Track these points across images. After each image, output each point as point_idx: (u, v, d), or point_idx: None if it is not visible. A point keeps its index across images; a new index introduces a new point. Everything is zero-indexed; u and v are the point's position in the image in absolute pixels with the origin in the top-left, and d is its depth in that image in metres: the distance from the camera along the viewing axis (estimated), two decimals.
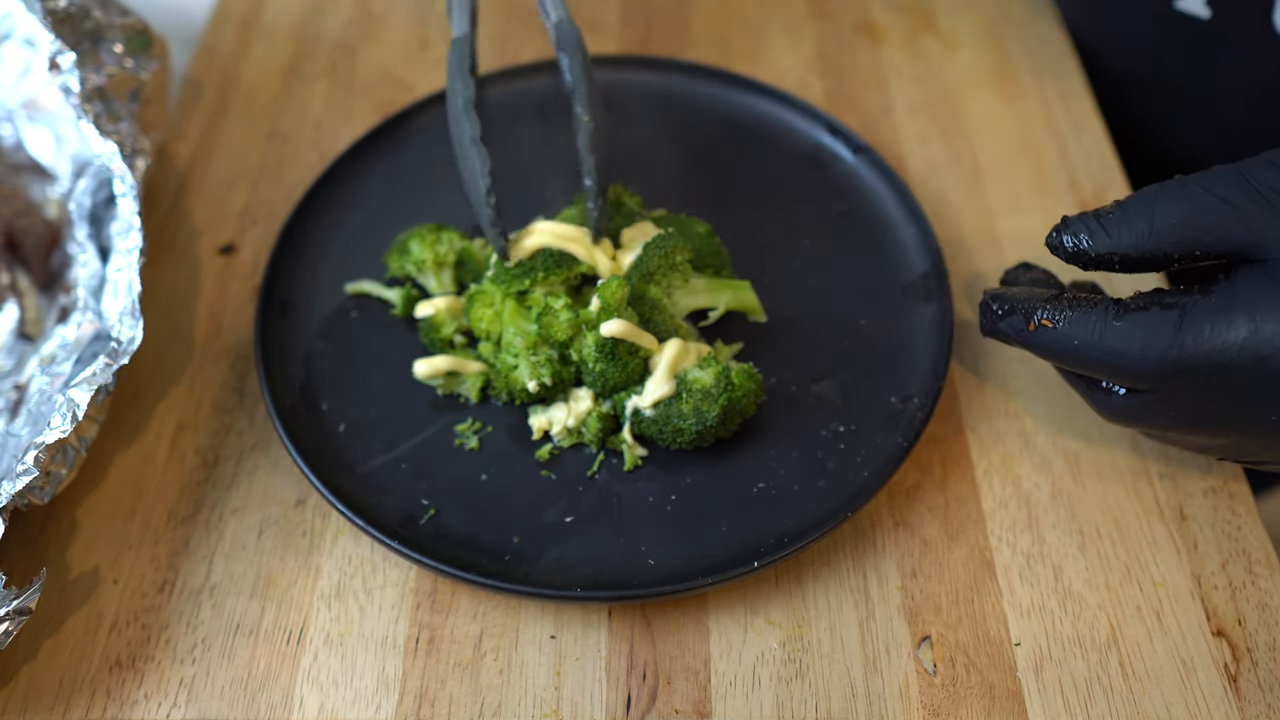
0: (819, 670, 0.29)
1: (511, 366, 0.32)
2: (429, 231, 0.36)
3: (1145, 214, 0.26)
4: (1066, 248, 0.27)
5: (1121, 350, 0.26)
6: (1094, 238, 0.27)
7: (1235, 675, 0.29)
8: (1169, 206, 0.26)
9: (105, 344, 0.33)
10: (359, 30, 0.47)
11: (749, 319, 0.36)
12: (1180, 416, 0.27)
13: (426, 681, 0.29)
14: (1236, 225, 0.25)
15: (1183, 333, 0.25)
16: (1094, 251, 0.27)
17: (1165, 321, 0.25)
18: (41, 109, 0.39)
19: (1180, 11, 0.37)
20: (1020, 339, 0.28)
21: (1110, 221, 0.27)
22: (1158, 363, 0.26)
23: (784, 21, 0.47)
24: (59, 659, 0.30)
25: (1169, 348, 0.25)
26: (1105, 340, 0.26)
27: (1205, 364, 0.25)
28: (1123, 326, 0.26)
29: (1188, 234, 0.26)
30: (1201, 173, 0.27)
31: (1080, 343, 0.27)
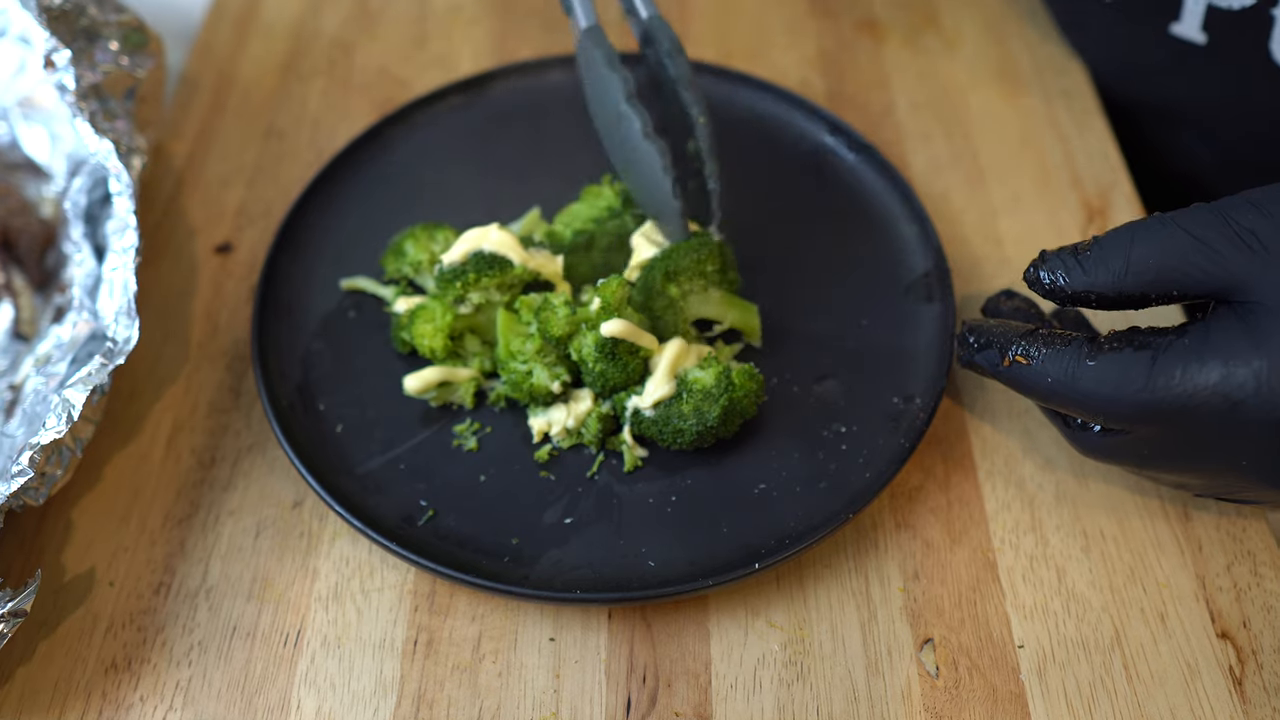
0: (820, 673, 0.29)
1: (526, 374, 0.32)
2: (423, 231, 0.35)
3: (1122, 253, 0.26)
4: (1043, 283, 0.27)
5: (1094, 391, 0.26)
6: (1070, 275, 0.27)
7: (1240, 678, 0.29)
8: (1146, 246, 0.26)
9: (101, 344, 0.32)
10: (357, 27, 0.47)
11: None
12: (1154, 456, 0.27)
13: (425, 684, 0.29)
14: (1214, 267, 0.25)
15: (1155, 375, 0.25)
16: (1070, 289, 0.27)
17: (1138, 363, 0.25)
18: (36, 107, 0.39)
19: (1176, 37, 0.37)
20: (995, 374, 0.28)
21: (1087, 259, 0.26)
22: (1130, 404, 0.25)
23: (785, 19, 0.46)
24: (54, 662, 0.30)
25: (1141, 390, 0.25)
26: (1079, 380, 0.26)
27: (1177, 406, 0.25)
28: (1096, 366, 0.26)
29: (1165, 274, 0.26)
30: (1180, 211, 0.26)
31: (1054, 381, 0.27)
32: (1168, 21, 0.37)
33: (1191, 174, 0.43)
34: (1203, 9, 0.36)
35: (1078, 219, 0.40)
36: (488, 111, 0.41)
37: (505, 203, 0.39)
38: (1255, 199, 0.26)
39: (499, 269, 0.32)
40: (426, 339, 0.33)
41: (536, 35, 0.46)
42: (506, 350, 0.32)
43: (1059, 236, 0.39)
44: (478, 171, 0.40)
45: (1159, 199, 0.42)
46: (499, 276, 0.32)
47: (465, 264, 0.32)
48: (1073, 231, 0.39)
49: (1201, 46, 0.37)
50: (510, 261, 0.32)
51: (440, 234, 0.35)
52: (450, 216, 0.38)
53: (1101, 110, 0.43)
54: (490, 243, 0.33)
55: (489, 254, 0.32)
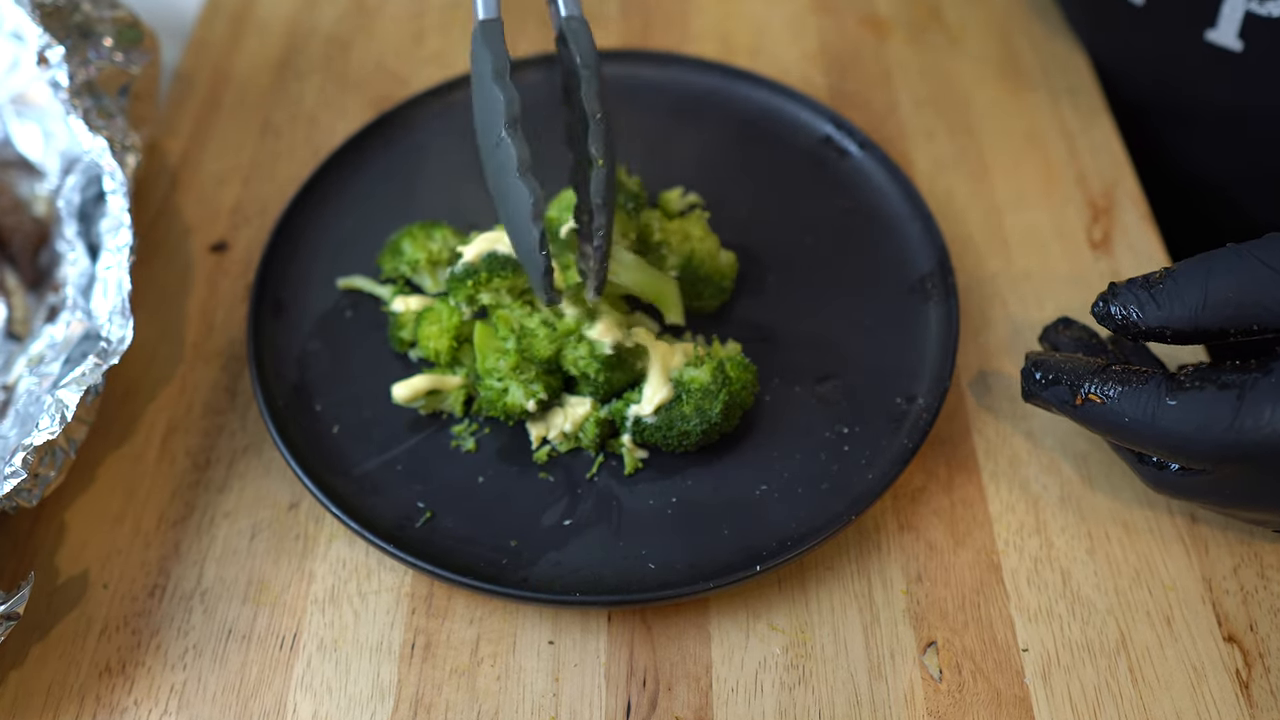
0: (822, 676, 0.29)
1: (502, 391, 0.31)
2: (420, 230, 0.35)
3: (1199, 286, 0.25)
4: (1116, 319, 0.26)
5: (1176, 431, 0.25)
6: (1144, 310, 0.26)
7: (1247, 682, 0.29)
8: (1223, 279, 0.25)
9: (94, 344, 0.32)
10: (353, 23, 0.46)
11: (750, 320, 0.35)
12: (1236, 495, 0.26)
13: (422, 688, 0.29)
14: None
15: (1242, 415, 0.24)
16: (1145, 325, 0.26)
17: (1223, 402, 0.24)
18: (30, 104, 0.38)
19: (1211, 43, 0.37)
20: (1066, 411, 0.27)
21: (1161, 293, 0.25)
22: (1215, 445, 0.24)
23: (787, 14, 0.46)
24: (47, 665, 0.29)
25: (1227, 430, 0.24)
26: (1159, 420, 0.25)
27: (1265, 447, 0.24)
28: (1177, 406, 0.25)
29: (1245, 309, 0.25)
30: (1255, 242, 0.25)
31: (1131, 420, 0.26)
32: (1203, 28, 0.36)
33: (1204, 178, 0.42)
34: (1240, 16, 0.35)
35: (1083, 217, 0.39)
36: None
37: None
38: None
39: (511, 271, 0.32)
40: (432, 341, 0.32)
41: (535, 31, 0.46)
42: (483, 366, 0.32)
43: (1064, 235, 0.39)
44: (476, 169, 0.40)
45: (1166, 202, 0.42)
46: (510, 279, 0.32)
47: (478, 264, 0.32)
48: (1078, 230, 0.39)
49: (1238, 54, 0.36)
50: None
51: (438, 232, 0.35)
52: (448, 215, 0.38)
53: (1107, 107, 0.42)
54: (505, 245, 0.32)
55: (503, 256, 0.32)
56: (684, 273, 0.34)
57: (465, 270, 0.32)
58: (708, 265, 0.34)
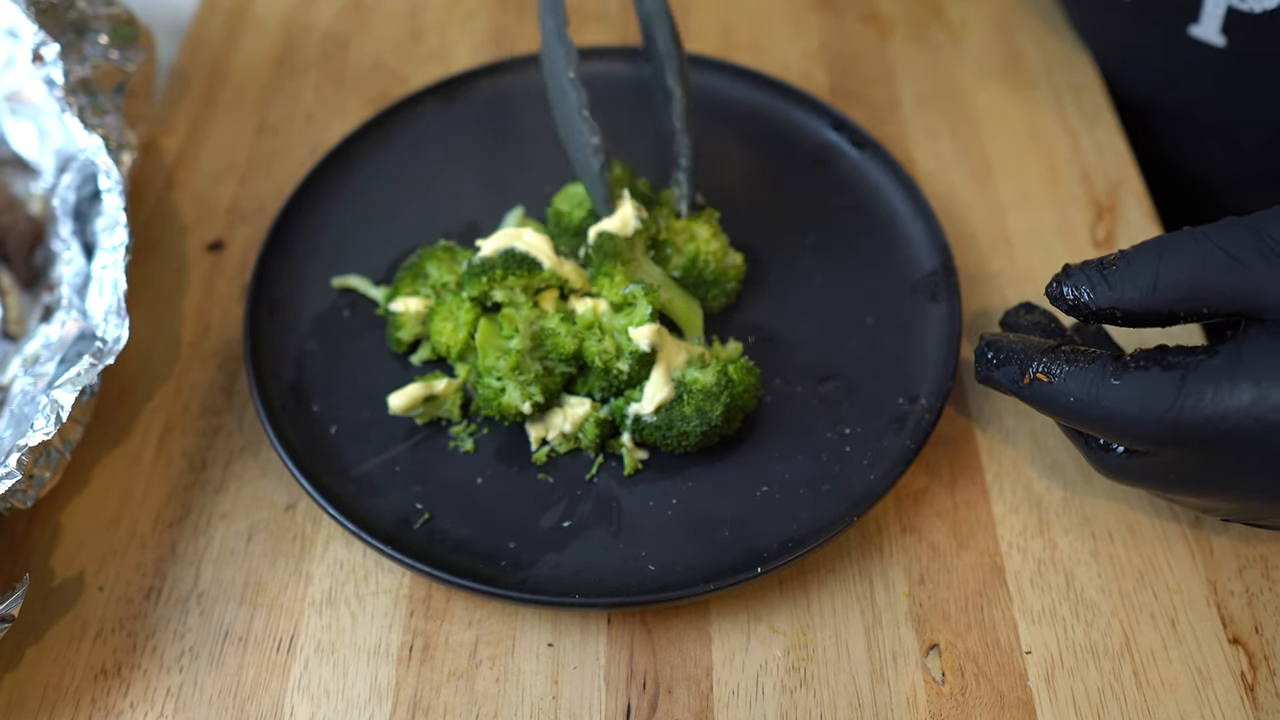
0: (824, 679, 0.29)
1: (499, 390, 0.31)
2: (443, 252, 0.34)
3: (1150, 268, 0.25)
4: (1067, 299, 0.26)
5: (1119, 410, 0.25)
6: (1095, 290, 0.26)
7: (1252, 684, 0.28)
8: (1176, 262, 0.25)
9: (90, 343, 0.32)
10: (351, 21, 0.46)
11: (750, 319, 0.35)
12: (1180, 480, 0.26)
13: (420, 691, 0.29)
14: (1246, 284, 0.24)
15: (1184, 396, 0.24)
16: (1095, 305, 0.26)
17: (1166, 383, 0.24)
18: (24, 102, 0.38)
19: (1194, 39, 0.37)
20: (1015, 390, 0.27)
21: (1113, 274, 0.25)
22: (1156, 425, 0.24)
23: (788, 12, 0.46)
24: (42, 667, 0.29)
25: (1168, 410, 0.24)
26: (1103, 399, 0.25)
27: (1206, 429, 0.24)
28: (1121, 385, 0.25)
29: (1196, 291, 0.25)
30: (1211, 226, 0.25)
31: (1076, 400, 0.25)
32: (1186, 23, 0.36)
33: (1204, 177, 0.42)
34: (1223, 11, 0.35)
35: (1086, 216, 0.39)
36: (485, 107, 0.41)
37: (503, 199, 0.38)
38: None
39: (527, 270, 0.32)
40: (445, 336, 0.32)
41: (534, 29, 0.45)
42: (483, 363, 0.31)
43: (1067, 234, 0.38)
44: (475, 167, 0.39)
45: (1169, 202, 0.42)
46: (526, 277, 0.32)
47: (495, 260, 0.32)
48: (1081, 229, 0.39)
49: (1220, 49, 0.36)
50: (540, 264, 0.32)
51: (461, 255, 0.34)
52: (447, 214, 0.38)
53: (1111, 106, 0.42)
54: (523, 242, 0.32)
55: (520, 253, 0.32)
56: (687, 274, 0.34)
57: (482, 265, 0.32)
58: (713, 267, 0.34)
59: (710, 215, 0.35)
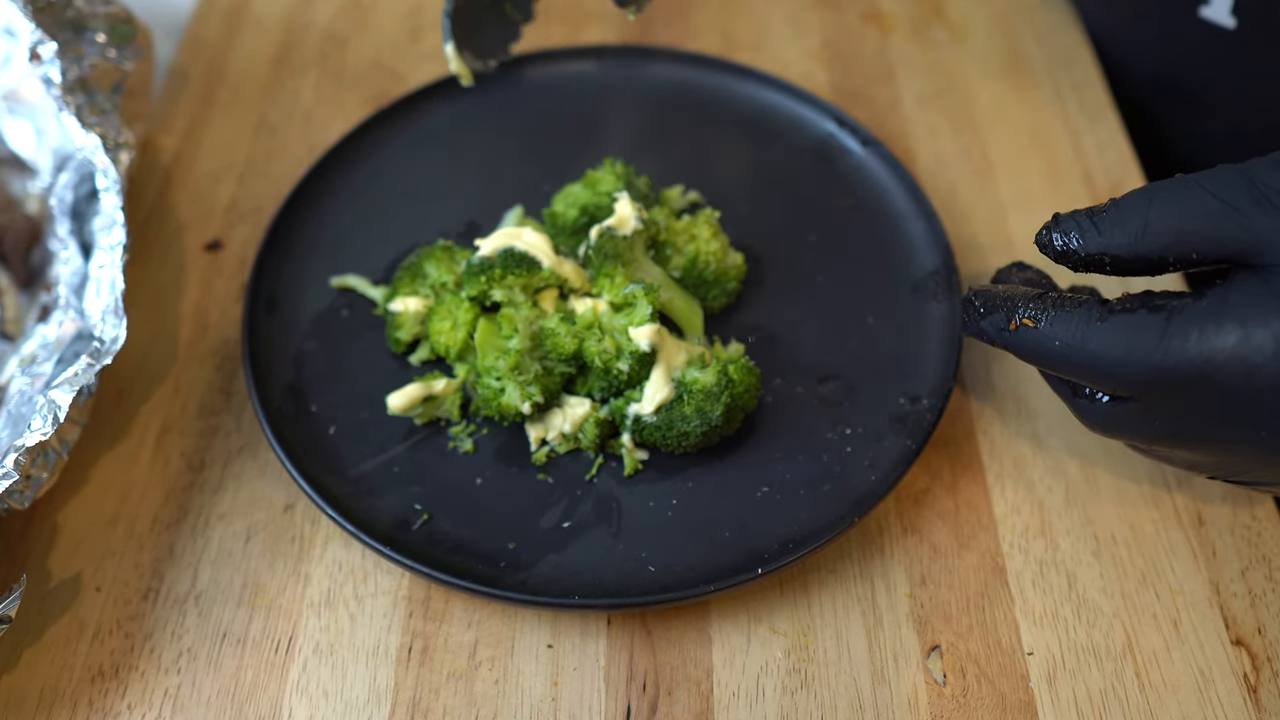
0: (825, 680, 0.28)
1: (499, 390, 0.31)
2: (442, 252, 0.34)
3: (1140, 214, 0.25)
4: (1055, 246, 0.26)
5: (1104, 354, 0.25)
6: (1085, 236, 0.25)
7: (1255, 685, 0.28)
8: (1166, 207, 0.25)
9: (87, 343, 0.32)
10: (349, 19, 0.46)
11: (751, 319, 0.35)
12: (1165, 428, 0.26)
13: (419, 692, 0.28)
14: (1236, 229, 0.24)
15: (1169, 337, 0.24)
16: (1084, 251, 0.25)
17: (1151, 325, 0.24)
18: (22, 101, 0.38)
19: (1204, 20, 0.36)
20: (1001, 339, 0.27)
21: (1103, 220, 0.25)
22: (1141, 368, 0.24)
23: (788, 10, 0.46)
24: (40, 669, 0.29)
25: (1153, 352, 0.24)
26: (1088, 342, 0.25)
27: (1191, 371, 0.24)
28: (1107, 328, 0.24)
29: (1185, 236, 0.24)
30: (1204, 172, 0.25)
31: (1061, 344, 0.25)
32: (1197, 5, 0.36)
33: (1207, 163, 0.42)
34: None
35: None
36: (484, 106, 0.41)
37: (502, 198, 0.38)
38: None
39: (526, 269, 0.31)
40: (444, 336, 0.32)
41: (533, 28, 0.45)
42: (482, 363, 0.31)
43: None
44: (474, 166, 0.39)
45: None
46: (525, 276, 0.31)
47: (494, 259, 0.32)
48: None
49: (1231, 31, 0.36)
50: (539, 263, 0.32)
51: (460, 254, 0.34)
52: (446, 213, 0.38)
53: (1113, 103, 0.42)
54: (523, 242, 0.32)
55: (519, 252, 0.32)
56: (688, 275, 0.34)
57: (481, 264, 0.32)
58: (714, 268, 0.34)
59: (710, 215, 0.35)
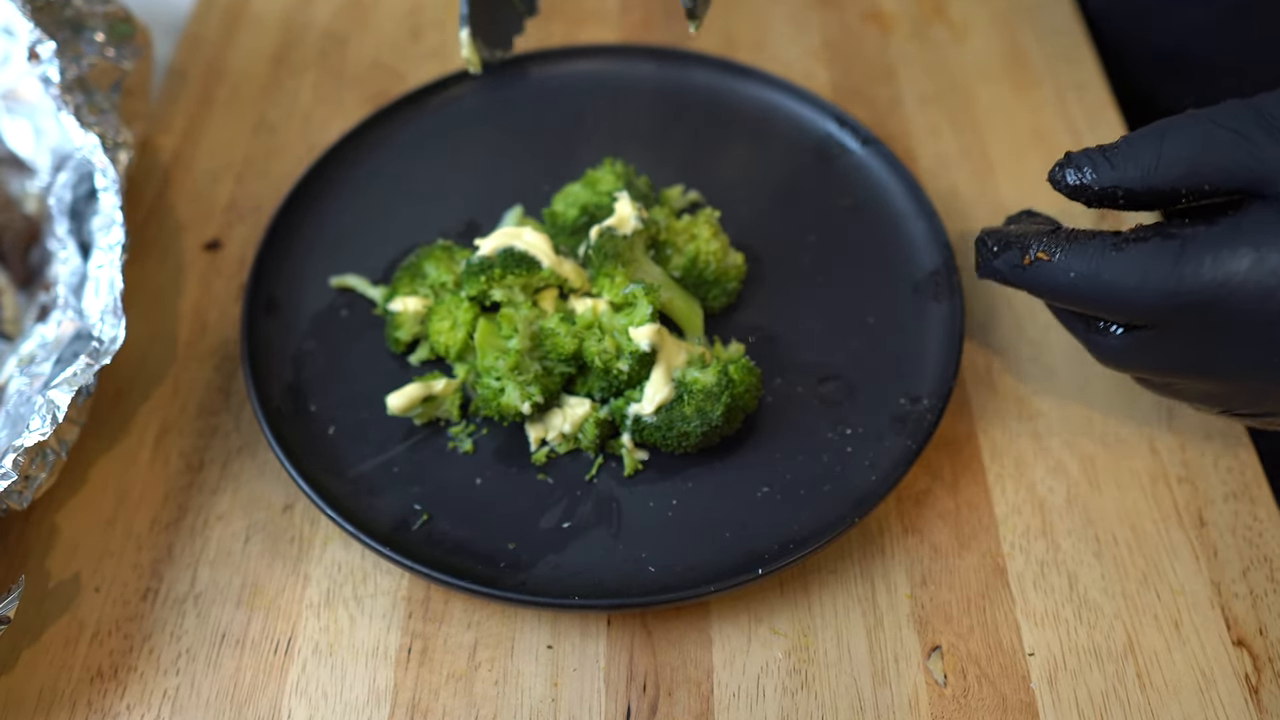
0: (825, 681, 0.28)
1: (498, 391, 0.31)
2: (441, 251, 0.34)
3: (1153, 147, 0.25)
4: (1069, 182, 0.26)
5: (1119, 282, 0.25)
6: (1098, 170, 0.26)
7: (1256, 686, 0.28)
8: (1178, 139, 0.25)
9: (86, 343, 0.32)
10: (349, 19, 0.46)
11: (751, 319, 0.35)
12: (1178, 357, 0.26)
13: (419, 693, 0.28)
14: (1249, 159, 0.24)
15: (1183, 262, 0.24)
16: (1097, 186, 0.26)
17: (1165, 251, 0.24)
18: (20, 100, 0.38)
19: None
20: (1015, 277, 0.27)
21: (1116, 155, 0.26)
22: (1156, 294, 0.25)
23: (789, 9, 0.46)
24: (38, 670, 0.29)
25: (1168, 277, 0.24)
26: (1103, 271, 0.25)
27: (1206, 295, 0.24)
28: (1122, 257, 0.25)
29: (1198, 168, 0.25)
30: (1214, 107, 0.25)
31: (1077, 275, 0.26)
32: None
33: None
34: None
35: (1089, 214, 0.39)
36: (484, 105, 0.40)
37: (502, 198, 0.38)
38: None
39: (526, 269, 0.31)
40: (444, 336, 0.32)
41: (533, 26, 0.45)
42: (482, 363, 0.31)
43: None
44: (474, 166, 0.39)
45: None
46: (525, 276, 0.31)
47: (493, 259, 0.32)
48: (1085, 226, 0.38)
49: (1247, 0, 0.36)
50: (539, 263, 0.32)
51: (459, 254, 0.34)
52: (445, 212, 0.37)
53: (1114, 102, 0.42)
54: (523, 242, 0.32)
55: (519, 252, 0.32)
56: (688, 274, 0.34)
57: (481, 264, 0.32)
58: (714, 268, 0.34)
59: (710, 215, 0.35)
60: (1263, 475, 0.32)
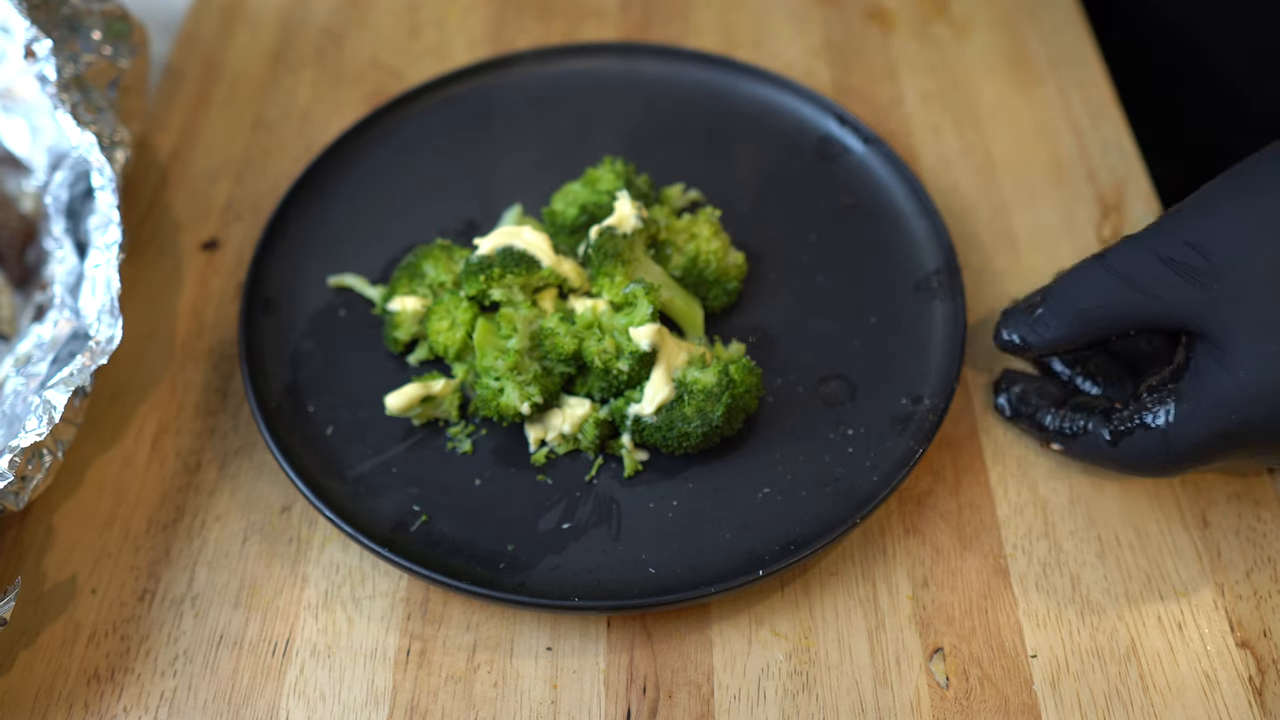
0: (826, 683, 0.28)
1: (497, 391, 0.31)
2: (440, 251, 0.34)
3: (1068, 311, 0.28)
4: (1005, 340, 0.30)
5: (1127, 468, 0.29)
6: (1026, 336, 0.29)
7: (1260, 688, 0.28)
8: (1089, 296, 0.28)
9: (83, 343, 0.32)
10: (347, 16, 0.46)
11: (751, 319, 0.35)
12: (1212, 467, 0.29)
13: (417, 695, 0.28)
14: (1159, 305, 0.27)
15: (1171, 447, 0.27)
16: (1033, 350, 0.29)
17: (1152, 440, 0.28)
18: (16, 98, 0.38)
19: None
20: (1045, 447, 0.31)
21: (1038, 322, 0.29)
22: (1161, 469, 0.28)
23: (790, 7, 0.45)
24: (35, 672, 0.29)
25: (1165, 463, 0.28)
26: (1110, 461, 0.29)
27: (1204, 453, 0.27)
28: (1118, 451, 0.28)
29: (1117, 320, 0.27)
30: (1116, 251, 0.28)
31: (1092, 460, 0.30)
32: None
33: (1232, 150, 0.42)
34: None
35: (1092, 213, 0.38)
36: (483, 104, 0.40)
37: (501, 197, 0.38)
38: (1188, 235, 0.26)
39: (525, 268, 0.31)
40: (442, 336, 0.32)
41: (533, 25, 0.45)
42: (481, 363, 0.31)
43: (1073, 232, 0.38)
44: (473, 165, 0.39)
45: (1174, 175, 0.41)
46: (524, 275, 0.31)
47: (493, 258, 0.31)
48: (1087, 227, 0.38)
49: None
50: (538, 262, 0.31)
51: (457, 254, 0.34)
52: (444, 212, 0.37)
53: (1117, 100, 0.42)
54: (522, 241, 0.32)
55: (518, 251, 0.31)
56: (688, 274, 0.34)
57: (480, 263, 0.31)
58: (714, 267, 0.33)
59: (711, 214, 0.34)
60: (1267, 476, 0.32)
